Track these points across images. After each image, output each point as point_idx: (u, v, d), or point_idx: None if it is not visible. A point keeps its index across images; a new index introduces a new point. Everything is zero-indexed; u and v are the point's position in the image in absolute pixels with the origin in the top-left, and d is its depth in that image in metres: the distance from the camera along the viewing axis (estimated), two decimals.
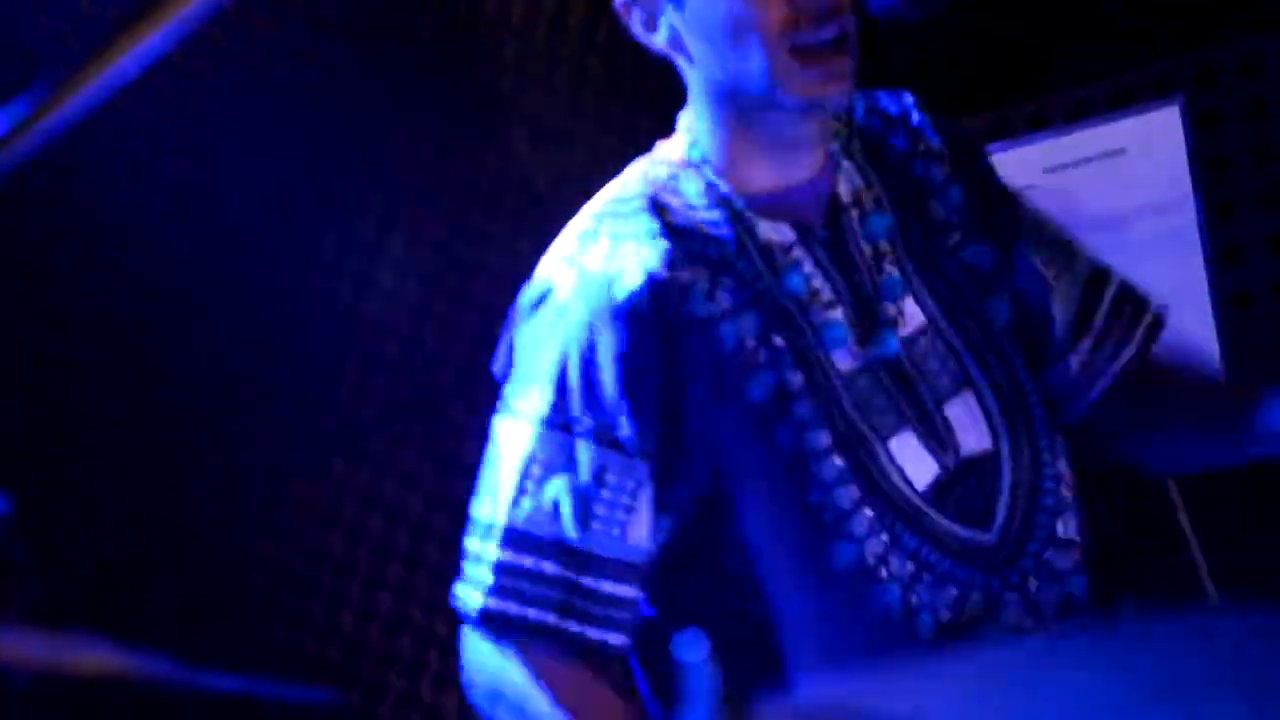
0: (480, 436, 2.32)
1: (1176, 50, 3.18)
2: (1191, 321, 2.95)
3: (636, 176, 2.33)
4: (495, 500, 2.23)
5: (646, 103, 2.35)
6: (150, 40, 1.41)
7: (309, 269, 3.37)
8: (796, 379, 2.23)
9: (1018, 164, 3.06)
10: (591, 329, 2.21)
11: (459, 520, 2.28)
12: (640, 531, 2.22)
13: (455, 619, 2.30)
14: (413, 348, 3.37)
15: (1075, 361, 2.41)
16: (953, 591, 2.17)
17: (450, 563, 2.33)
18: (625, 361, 2.19)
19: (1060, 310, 2.42)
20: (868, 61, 2.30)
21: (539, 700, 2.14)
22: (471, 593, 2.21)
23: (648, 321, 2.20)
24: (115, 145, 3.23)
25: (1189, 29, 3.39)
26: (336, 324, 3.40)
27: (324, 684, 3.42)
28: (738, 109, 2.26)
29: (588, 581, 2.18)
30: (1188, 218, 3.05)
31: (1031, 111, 3.19)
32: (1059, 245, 2.44)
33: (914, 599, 2.16)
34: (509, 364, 2.30)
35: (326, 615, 3.46)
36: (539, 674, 2.16)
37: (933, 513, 2.24)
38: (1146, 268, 2.75)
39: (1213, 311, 3.01)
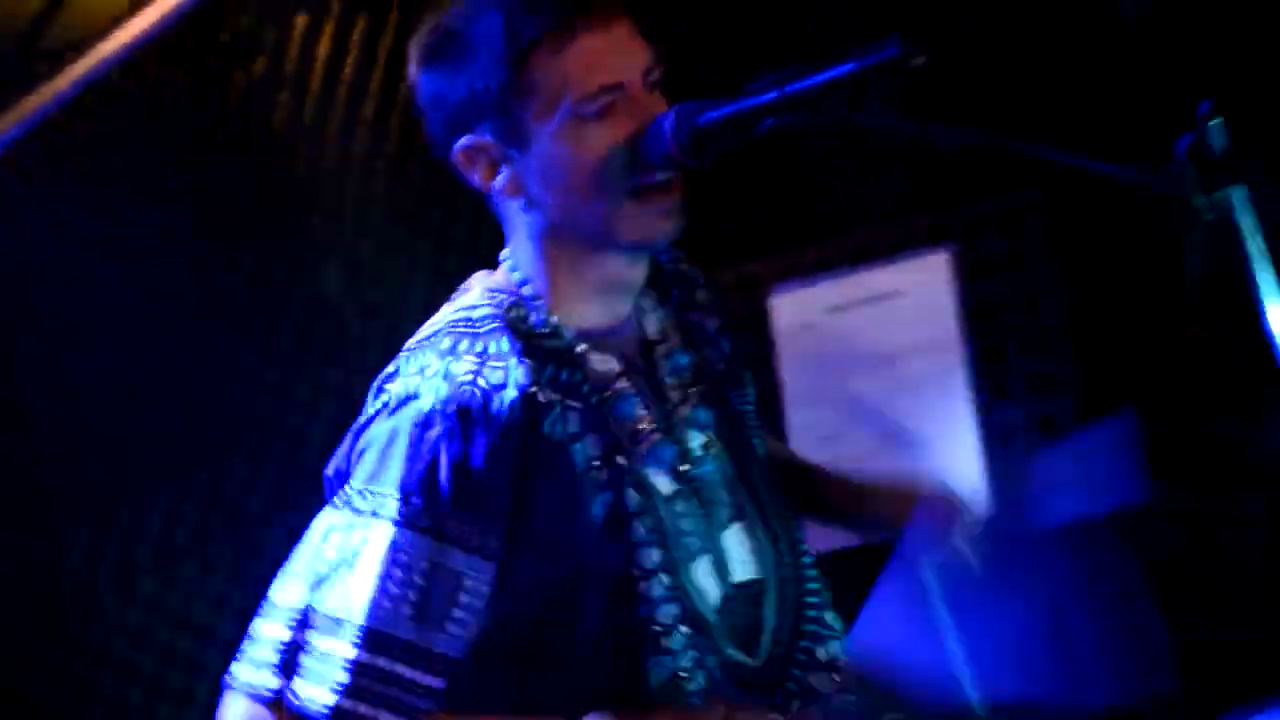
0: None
1: (949, 203, 3.28)
2: (958, 454, 3.06)
3: (481, 299, 2.33)
4: (343, 594, 2.16)
5: (453, 244, 2.39)
6: None
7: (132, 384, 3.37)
8: (634, 500, 2.26)
9: (803, 303, 3.20)
10: (462, 438, 2.19)
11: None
12: (471, 627, 2.20)
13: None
14: (223, 474, 3.35)
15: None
16: None
17: None
18: (493, 471, 2.18)
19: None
20: None
21: None
22: (316, 689, 2.13)
23: (517, 435, 2.20)
24: None
25: (962, 184, 3.42)
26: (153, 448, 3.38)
27: None
28: (572, 250, 2.29)
29: (436, 684, 2.15)
30: (956, 357, 3.13)
31: (817, 255, 3.28)
32: None
33: None
34: (356, 465, 2.24)
35: None
36: None
37: (716, 636, 2.28)
38: (918, 403, 2.94)
39: (979, 445, 3.09)
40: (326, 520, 2.22)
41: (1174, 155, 2.67)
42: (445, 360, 2.24)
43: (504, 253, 2.34)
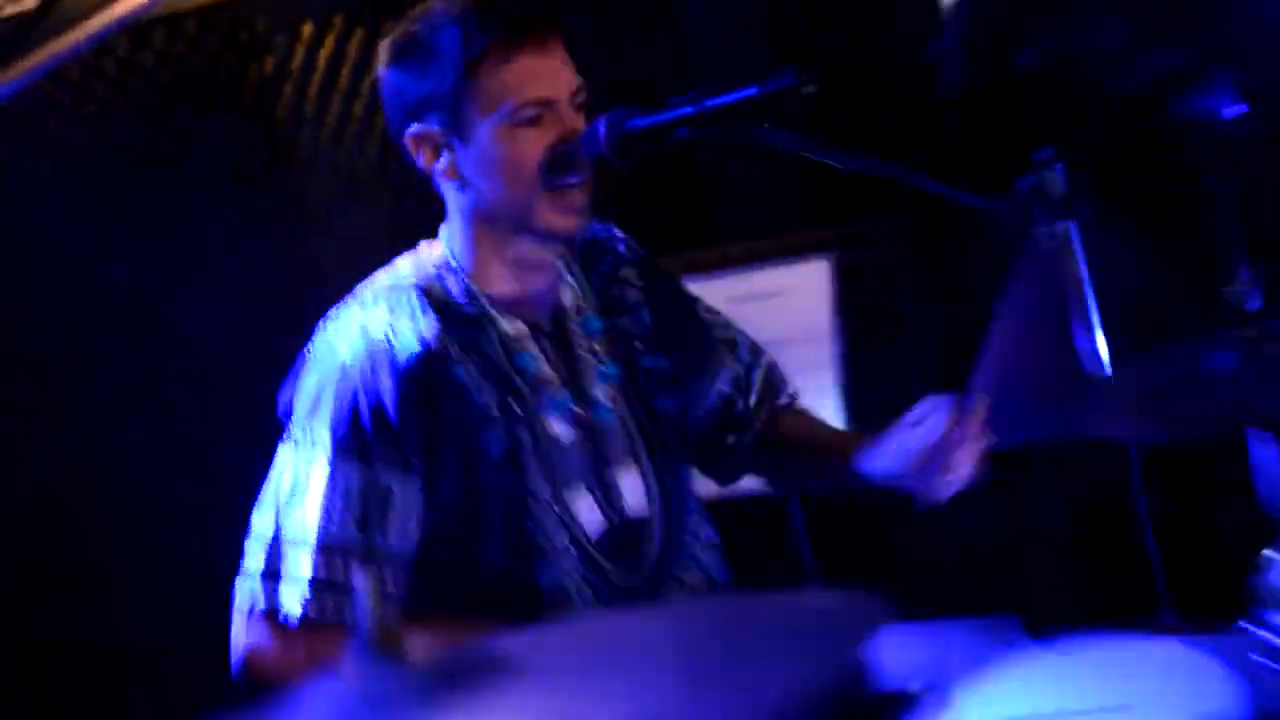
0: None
1: (831, 220, 3.39)
2: None
3: (407, 269, 2.40)
4: (297, 517, 2.26)
5: (428, 220, 2.50)
6: None
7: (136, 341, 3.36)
8: (525, 439, 2.33)
9: (706, 294, 3.12)
10: (376, 381, 2.27)
11: None
12: (413, 530, 2.28)
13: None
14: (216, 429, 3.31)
15: (731, 438, 2.61)
16: None
17: None
18: (401, 407, 2.25)
19: (735, 392, 2.60)
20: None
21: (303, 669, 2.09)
22: (290, 603, 2.22)
23: (419, 379, 2.28)
24: None
25: (842, 205, 3.47)
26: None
27: None
28: (495, 230, 2.35)
29: (386, 584, 2.24)
30: (827, 348, 3.23)
31: (720, 255, 3.37)
32: (731, 346, 2.63)
33: None
34: (296, 405, 2.34)
35: None
36: (315, 655, 2.18)
37: (599, 557, 2.36)
38: (795, 384, 3.05)
39: (841, 419, 3.20)
40: (281, 454, 2.33)
41: (1016, 192, 2.88)
42: (365, 315, 2.34)
43: (442, 226, 2.42)
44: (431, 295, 2.36)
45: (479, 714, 1.25)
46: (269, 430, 2.37)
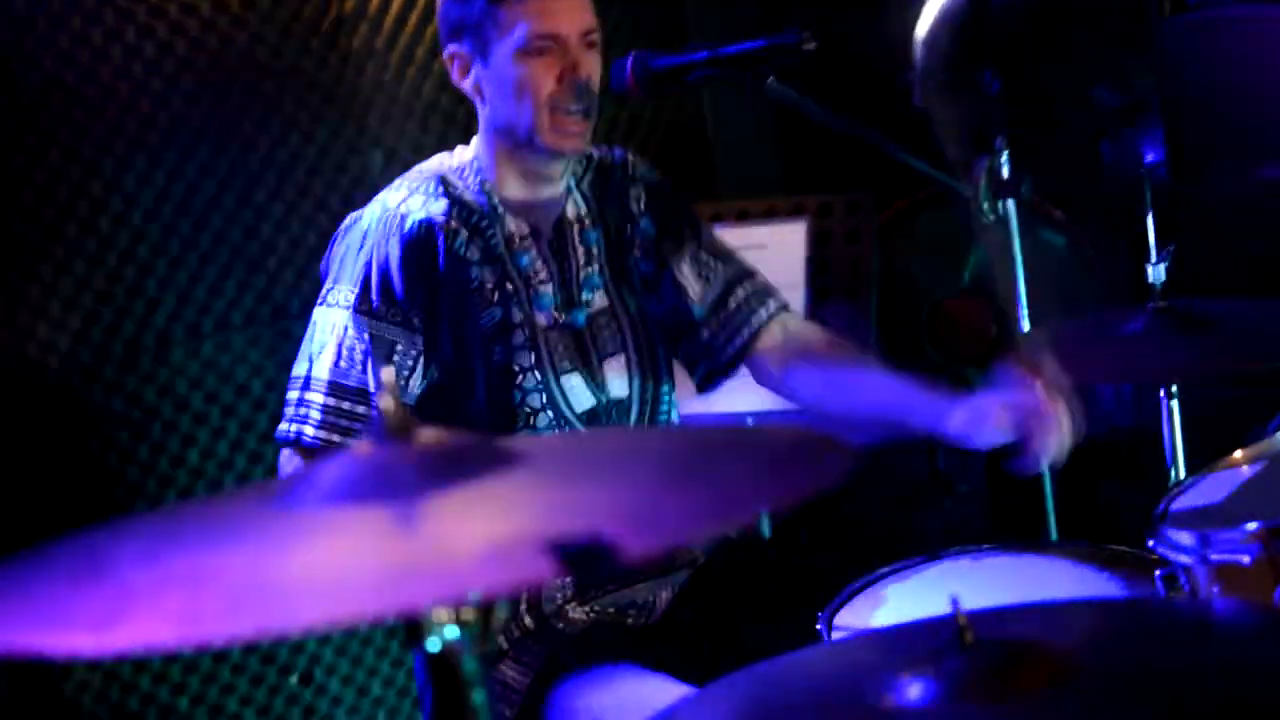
0: None
1: (810, 190, 3.43)
2: None
3: (435, 163, 2.46)
4: (320, 362, 2.31)
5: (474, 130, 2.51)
6: None
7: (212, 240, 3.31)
8: (516, 316, 2.36)
9: None
10: (386, 246, 2.32)
11: None
12: (416, 381, 2.32)
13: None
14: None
15: (706, 333, 2.56)
16: None
17: None
18: (405, 270, 2.30)
19: (700, 303, 2.56)
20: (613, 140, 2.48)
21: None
22: (309, 429, 2.29)
23: (422, 247, 2.32)
24: None
25: (819, 179, 3.57)
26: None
27: None
28: (508, 142, 2.39)
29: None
30: (800, 295, 3.26)
31: (713, 211, 3.38)
32: (716, 261, 2.58)
33: None
34: (328, 269, 2.39)
35: None
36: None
37: (584, 429, 2.39)
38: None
39: None
40: (316, 313, 2.38)
41: (972, 172, 2.89)
42: (389, 195, 2.40)
43: (475, 135, 2.47)
44: (448, 183, 2.40)
45: (478, 494, 1.24)
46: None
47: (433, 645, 1.16)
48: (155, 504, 3.24)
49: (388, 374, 1.36)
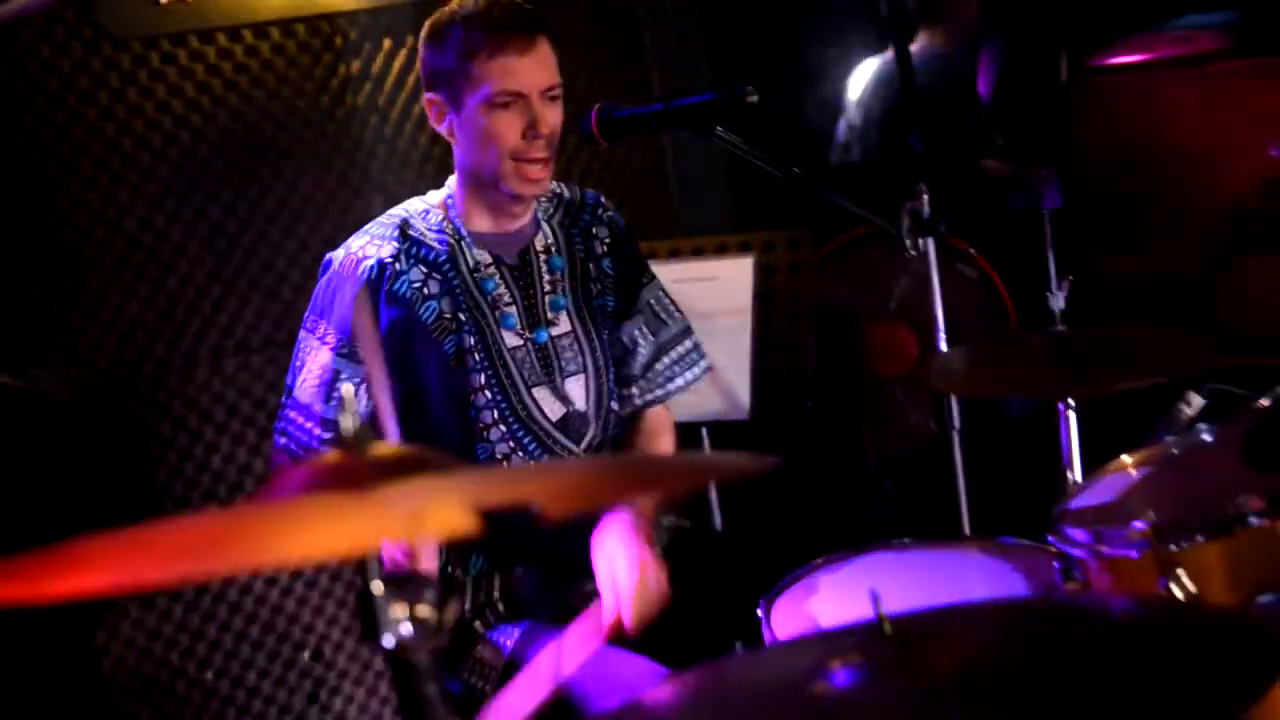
0: None
1: (756, 228, 3.35)
2: (737, 382, 3.15)
3: (402, 208, 2.39)
4: (298, 386, 2.28)
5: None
6: None
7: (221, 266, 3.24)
8: (471, 342, 2.29)
9: (659, 275, 3.32)
10: (343, 288, 2.27)
11: None
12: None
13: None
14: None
15: (637, 389, 2.51)
16: None
17: None
18: (357, 312, 2.17)
19: (640, 358, 2.51)
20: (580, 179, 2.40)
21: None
22: (280, 438, 2.30)
23: (371, 287, 2.26)
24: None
25: (764, 218, 3.58)
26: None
27: None
28: (475, 183, 2.34)
29: (327, 435, 2.22)
30: (745, 323, 3.18)
31: (670, 247, 3.33)
32: (658, 321, 2.53)
33: None
34: (314, 297, 2.34)
35: None
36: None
37: (557, 433, 2.35)
38: (720, 347, 3.00)
39: (749, 378, 3.15)
40: (302, 335, 2.33)
41: (896, 212, 2.82)
42: (356, 240, 2.33)
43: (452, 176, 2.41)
44: (407, 226, 2.34)
45: (423, 485, 1.22)
46: None
47: (387, 641, 1.09)
48: (181, 504, 3.21)
49: (347, 390, 1.32)
